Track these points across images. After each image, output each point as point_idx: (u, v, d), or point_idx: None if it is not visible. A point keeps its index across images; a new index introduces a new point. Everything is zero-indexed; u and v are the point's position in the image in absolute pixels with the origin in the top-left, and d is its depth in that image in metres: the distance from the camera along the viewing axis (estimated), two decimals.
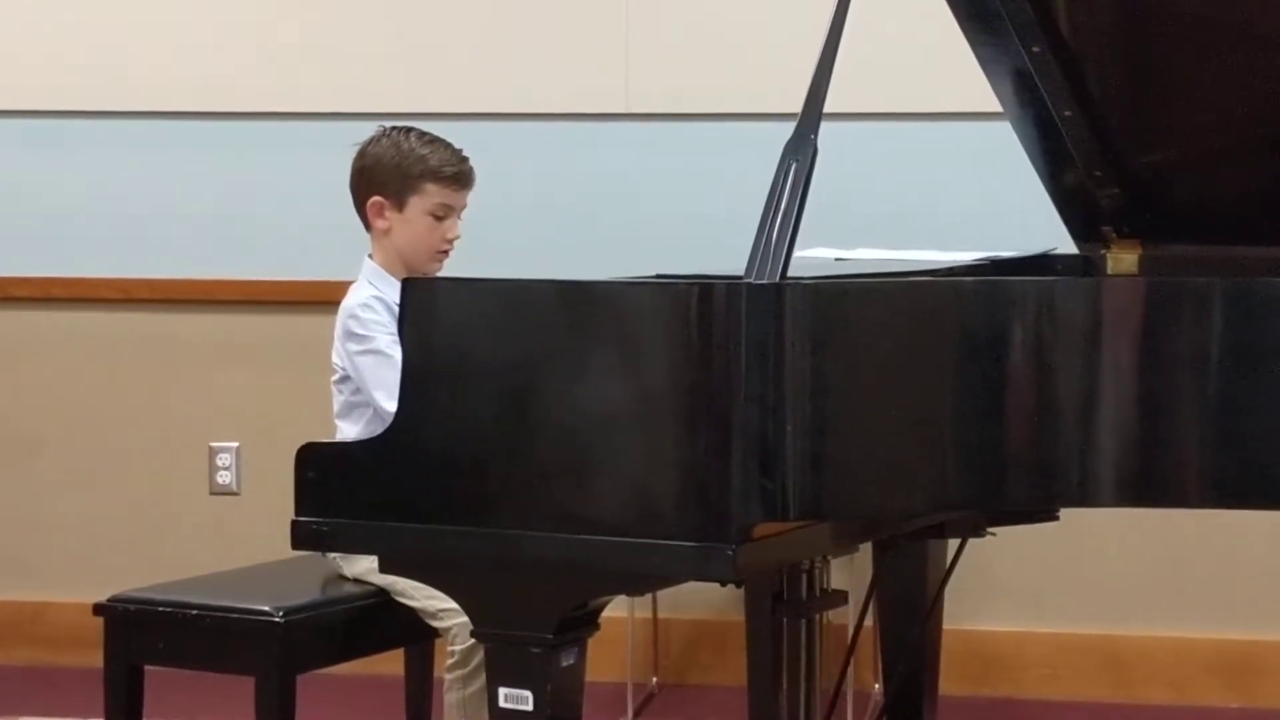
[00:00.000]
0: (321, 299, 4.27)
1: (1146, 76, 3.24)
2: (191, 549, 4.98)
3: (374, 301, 3.64)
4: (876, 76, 4.66)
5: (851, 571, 4.12)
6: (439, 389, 2.78)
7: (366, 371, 3.59)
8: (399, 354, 2.88)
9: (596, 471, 2.69)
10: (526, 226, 5.00)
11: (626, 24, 5.02)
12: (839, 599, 3.47)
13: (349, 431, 3.63)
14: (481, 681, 3.23)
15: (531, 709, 2.76)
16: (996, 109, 3.36)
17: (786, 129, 2.75)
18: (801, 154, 2.72)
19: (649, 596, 4.82)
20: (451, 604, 3.12)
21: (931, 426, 2.69)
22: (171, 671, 3.55)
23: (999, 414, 2.70)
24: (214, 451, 5.24)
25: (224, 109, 5.16)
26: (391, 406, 2.92)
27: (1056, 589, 4.98)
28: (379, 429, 3.01)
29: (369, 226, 3.76)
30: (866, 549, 3.75)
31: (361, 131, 3.80)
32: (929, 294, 2.77)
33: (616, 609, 3.77)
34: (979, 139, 4.52)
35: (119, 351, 5.26)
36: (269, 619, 3.42)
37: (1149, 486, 2.71)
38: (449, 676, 3.55)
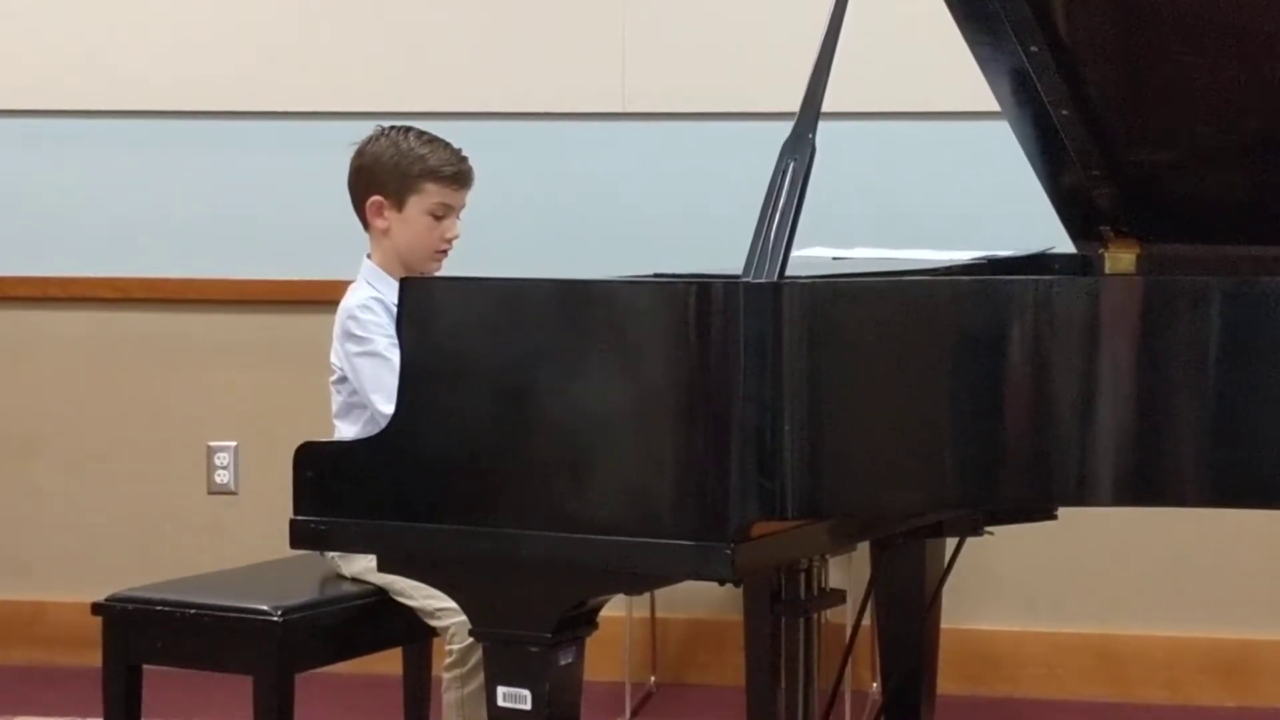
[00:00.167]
0: (320, 298, 4.27)
1: (1144, 76, 3.24)
2: (190, 548, 4.98)
3: (373, 303, 3.64)
4: (874, 76, 4.66)
5: (849, 570, 4.12)
6: (437, 388, 2.78)
7: (364, 374, 3.59)
8: (397, 357, 2.87)
9: (595, 470, 2.69)
10: (524, 226, 5.00)
11: (623, 24, 5.02)
12: (837, 598, 3.47)
13: (347, 431, 3.63)
14: (480, 680, 3.23)
15: (530, 708, 2.76)
16: (994, 108, 3.36)
17: (784, 128, 2.75)
18: (799, 153, 2.72)
19: (647, 596, 4.82)
20: (449, 603, 3.12)
21: (929, 425, 2.70)
22: (170, 671, 3.54)
23: (997, 413, 2.70)
24: (212, 451, 5.24)
25: (220, 108, 5.15)
26: (388, 410, 2.92)
27: (1054, 588, 4.98)
28: (376, 429, 3.01)
29: (367, 226, 3.75)
30: (864, 548, 3.75)
31: (359, 131, 3.80)
32: (927, 293, 2.77)
33: (614, 608, 3.77)
34: (977, 138, 4.53)
35: (117, 351, 5.26)
36: (267, 618, 3.41)
37: (1146, 485, 2.72)
38: (447, 675, 3.55)
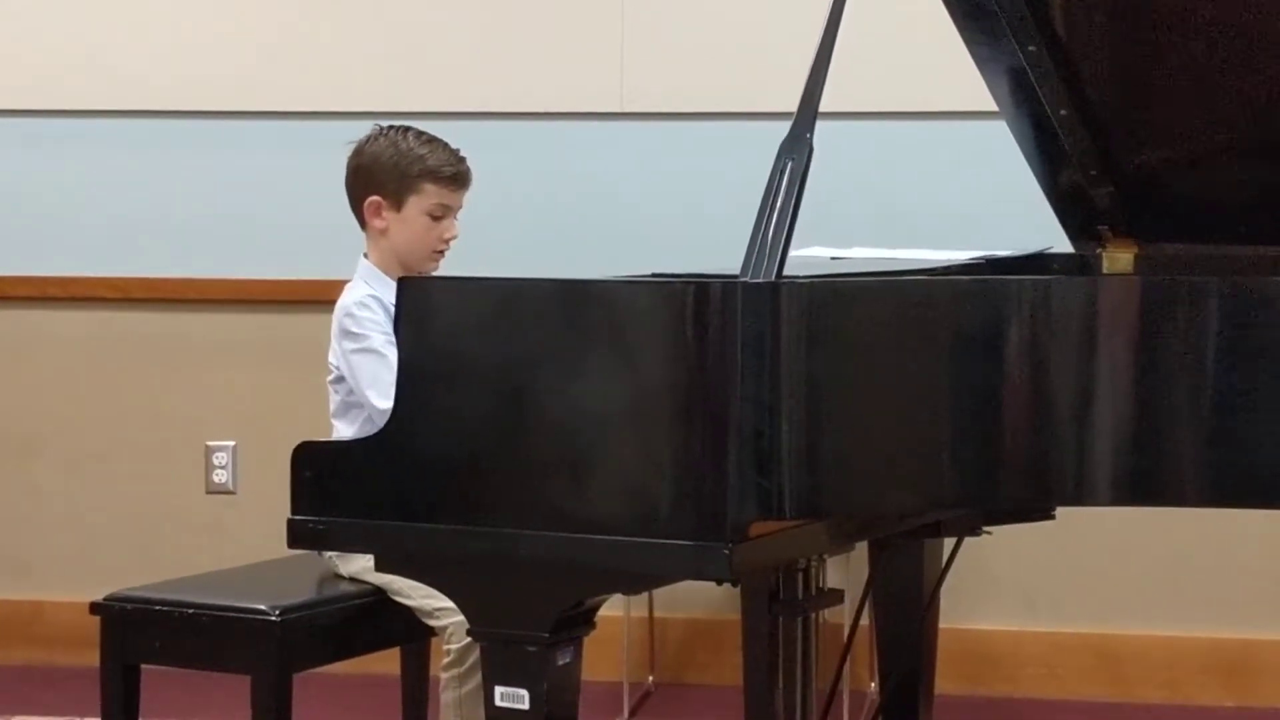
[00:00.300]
0: (317, 298, 4.27)
1: (1142, 76, 3.24)
2: (188, 548, 4.98)
3: (370, 301, 3.64)
4: (872, 76, 4.66)
5: (848, 570, 4.12)
6: (435, 388, 2.78)
7: (360, 370, 3.59)
8: (393, 353, 2.87)
9: (593, 470, 2.68)
10: (522, 226, 5.00)
11: (622, 24, 5.02)
12: (835, 598, 3.46)
13: (345, 431, 3.63)
14: (477, 680, 3.22)
15: (528, 708, 2.76)
16: (992, 108, 3.36)
17: (782, 128, 2.75)
18: (797, 153, 2.72)
19: (645, 595, 4.82)
20: (447, 603, 3.11)
21: (928, 425, 2.69)
22: (168, 670, 3.54)
23: (995, 412, 2.70)
24: (210, 450, 5.24)
25: (218, 108, 5.16)
26: (383, 405, 2.92)
27: (1052, 588, 4.98)
28: (374, 429, 3.01)
29: (365, 225, 3.75)
30: (862, 548, 3.74)
31: (357, 130, 3.80)
32: (925, 293, 2.77)
33: (612, 608, 3.77)
34: (975, 138, 4.53)
35: (116, 351, 5.26)
36: (265, 618, 3.41)
37: (1145, 485, 2.71)
38: (445, 675, 3.55)
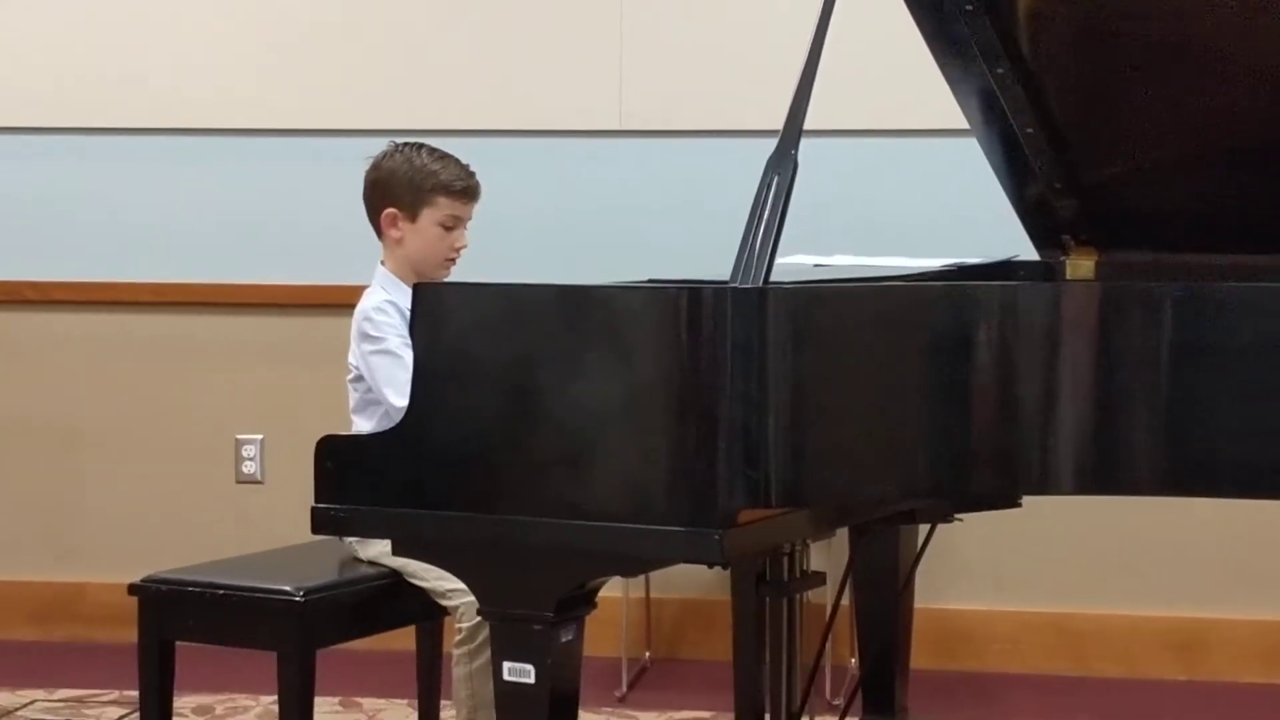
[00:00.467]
0: (338, 302, 4.26)
1: (1102, 95, 3.23)
2: (219, 534, 4.97)
3: (387, 305, 3.63)
4: (852, 96, 4.66)
5: (829, 554, 4.11)
6: (447, 386, 2.77)
7: (378, 370, 3.59)
8: (409, 355, 2.87)
9: (593, 462, 2.68)
10: (527, 236, 4.99)
11: (620, 49, 5.02)
12: (818, 580, 3.46)
13: (364, 426, 3.62)
14: (487, 656, 3.22)
15: (533, 681, 2.75)
16: (963, 126, 3.35)
17: (769, 145, 2.75)
18: (783, 169, 2.72)
19: (642, 577, 4.82)
20: (459, 584, 3.11)
21: (903, 420, 2.69)
22: (200, 647, 3.54)
23: (965, 409, 2.69)
24: (240, 443, 5.24)
25: (247, 126, 5.16)
26: (400, 403, 2.92)
27: (1018, 571, 4.97)
28: (390, 424, 3.00)
29: (381, 235, 3.74)
30: (843, 533, 3.74)
31: (374, 147, 3.79)
32: (901, 298, 2.77)
33: (612, 589, 3.77)
34: (947, 154, 4.52)
35: (153, 351, 5.26)
36: (290, 598, 3.41)
37: (1104, 476, 2.71)
38: (457, 652, 3.54)
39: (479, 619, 3.21)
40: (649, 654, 5.05)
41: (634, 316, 2.69)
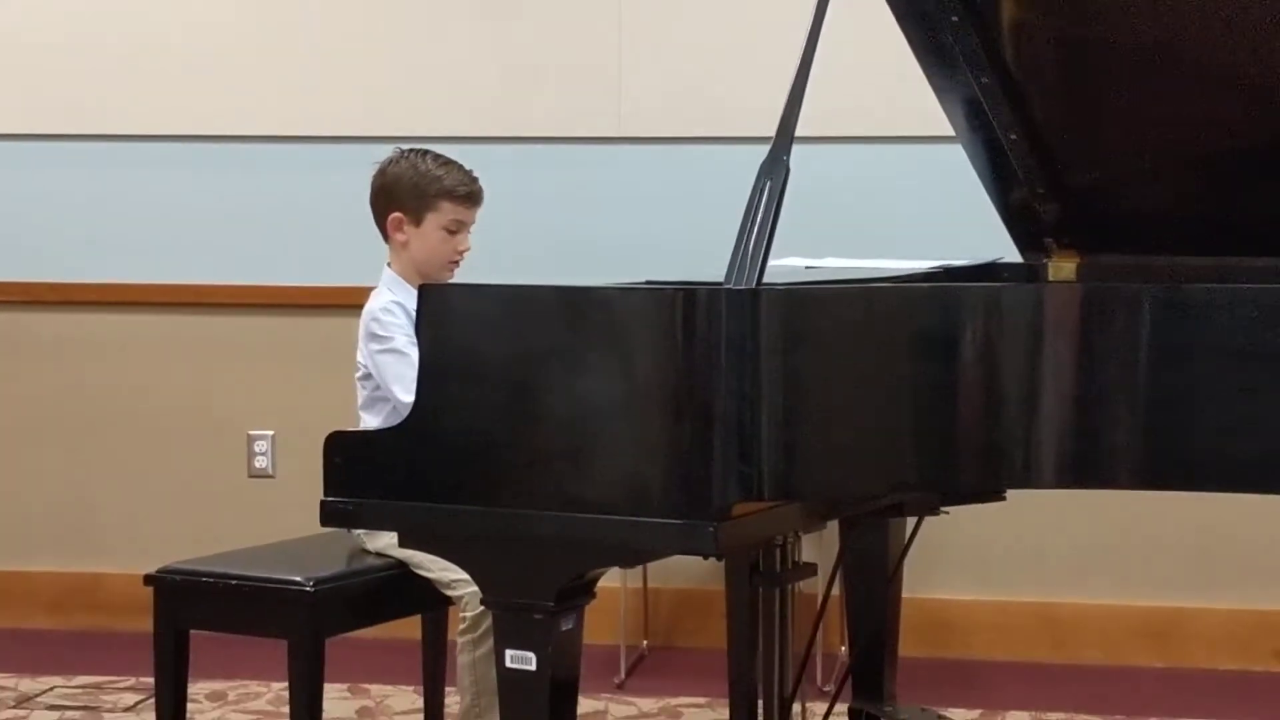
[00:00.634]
0: (346, 303, 4.26)
1: (1083, 103, 3.23)
2: (232, 526, 4.97)
3: (393, 306, 3.63)
4: (843, 104, 4.66)
5: (820, 546, 4.11)
6: (452, 383, 2.77)
7: (385, 368, 3.59)
8: (415, 353, 2.87)
9: (593, 457, 2.68)
10: (529, 239, 4.99)
11: (619, 58, 5.01)
12: (809, 571, 3.46)
13: (371, 422, 3.62)
14: (490, 644, 3.22)
15: (535, 669, 2.75)
16: (949, 133, 3.35)
17: (762, 151, 2.74)
18: (775, 174, 2.71)
19: (640, 568, 4.81)
20: (463, 575, 3.11)
21: (891, 417, 2.69)
22: (214, 635, 3.54)
23: (951, 406, 2.69)
24: (252, 439, 5.24)
25: (260, 133, 5.16)
26: (407, 399, 2.91)
27: (1002, 561, 4.97)
28: (397, 420, 3.00)
29: (388, 238, 3.74)
30: (834, 526, 3.74)
31: (380, 153, 3.79)
32: (889, 299, 2.76)
33: (610, 579, 3.76)
34: (934, 160, 4.52)
35: (168, 350, 5.25)
36: (301, 588, 3.41)
37: (1084, 470, 2.70)
38: (461, 640, 3.54)
39: (482, 608, 3.22)
40: (647, 642, 5.05)
41: (632, 316, 2.68)
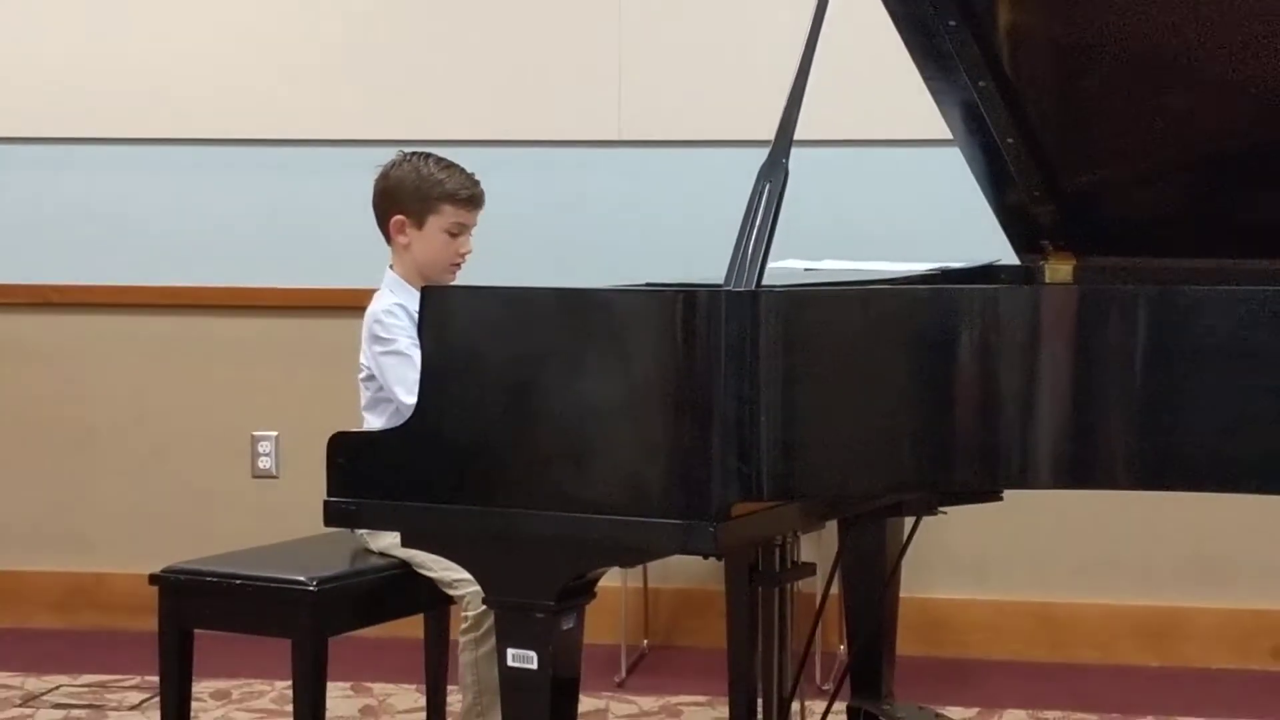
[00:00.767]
0: (349, 305, 4.26)
1: (1079, 107, 3.23)
2: (236, 526, 4.96)
3: (396, 308, 3.63)
4: (841, 108, 4.65)
5: (819, 546, 4.11)
6: (454, 384, 2.77)
7: (388, 369, 3.59)
8: (417, 355, 2.87)
9: (593, 457, 2.67)
10: (529, 241, 4.99)
11: (619, 63, 5.02)
12: (808, 570, 3.46)
13: (374, 423, 3.62)
14: (492, 643, 3.22)
15: (536, 667, 2.75)
16: (947, 136, 3.35)
17: (761, 154, 2.74)
18: (774, 177, 2.71)
19: (640, 568, 4.81)
20: (465, 574, 3.11)
21: (889, 418, 2.68)
22: (218, 634, 3.54)
23: (949, 406, 2.68)
24: (256, 440, 5.24)
25: (263, 137, 5.16)
26: (410, 400, 2.91)
27: (1000, 561, 4.97)
28: (400, 421, 3.00)
29: (390, 241, 3.74)
30: (832, 525, 3.74)
31: (382, 156, 3.79)
32: (887, 301, 2.76)
33: (611, 579, 3.77)
34: (932, 163, 4.52)
35: (174, 351, 5.26)
36: (304, 588, 3.41)
37: (1081, 470, 2.70)
38: (463, 639, 3.54)
39: (484, 608, 3.22)
40: (647, 641, 5.05)
41: (632, 318, 2.68)
